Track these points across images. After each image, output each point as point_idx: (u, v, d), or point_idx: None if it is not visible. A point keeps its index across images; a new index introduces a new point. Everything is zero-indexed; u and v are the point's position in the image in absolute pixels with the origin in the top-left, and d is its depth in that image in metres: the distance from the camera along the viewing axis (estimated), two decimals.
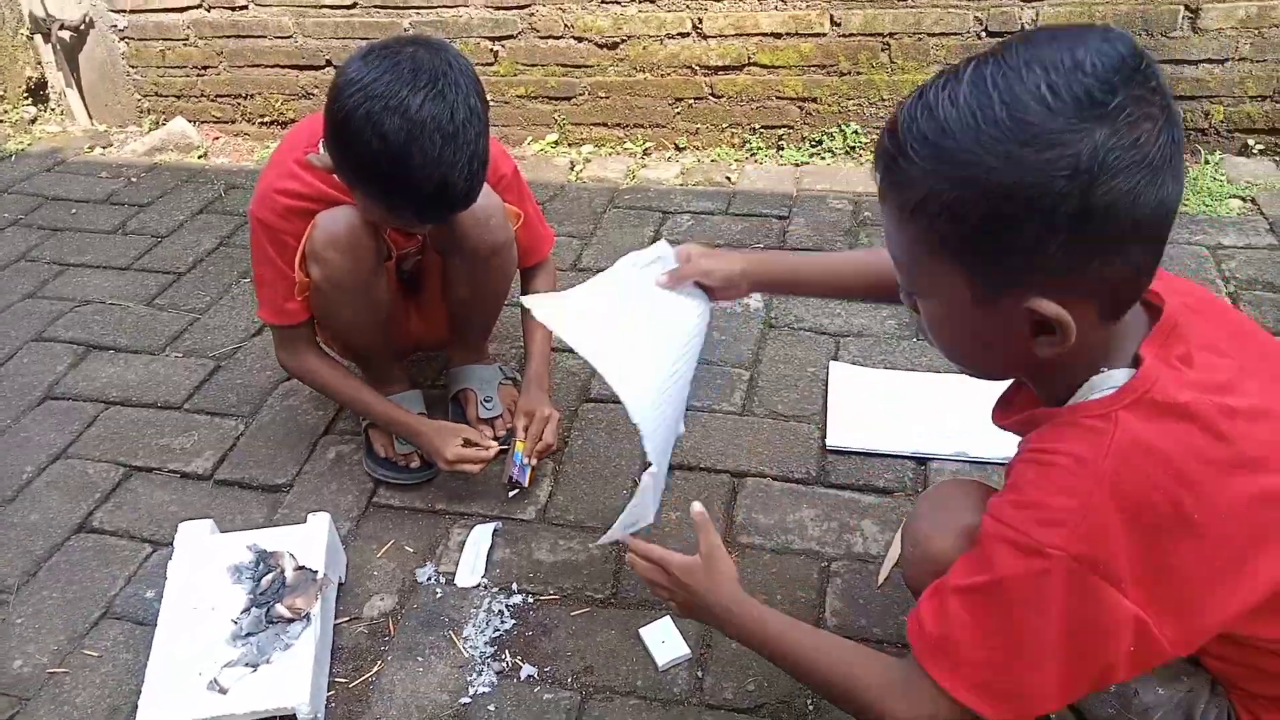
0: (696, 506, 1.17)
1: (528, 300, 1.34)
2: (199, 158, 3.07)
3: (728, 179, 2.69)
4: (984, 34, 2.54)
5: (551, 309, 1.31)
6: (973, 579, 0.85)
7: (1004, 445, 0.97)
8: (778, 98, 2.76)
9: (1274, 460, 0.81)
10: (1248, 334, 0.94)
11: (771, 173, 2.71)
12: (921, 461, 1.65)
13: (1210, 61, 2.48)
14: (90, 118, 3.33)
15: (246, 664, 1.30)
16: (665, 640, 1.36)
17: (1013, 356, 0.86)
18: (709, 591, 1.12)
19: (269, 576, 1.40)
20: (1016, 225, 0.74)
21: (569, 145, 2.95)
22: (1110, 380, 0.84)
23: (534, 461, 1.62)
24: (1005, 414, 0.99)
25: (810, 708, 1.28)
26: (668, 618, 1.40)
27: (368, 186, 1.40)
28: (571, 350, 2.03)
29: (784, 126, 2.80)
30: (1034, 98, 0.72)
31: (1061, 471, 0.82)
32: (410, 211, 1.42)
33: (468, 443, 1.59)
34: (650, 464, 1.24)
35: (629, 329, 1.27)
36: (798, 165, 2.74)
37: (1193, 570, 0.80)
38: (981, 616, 0.85)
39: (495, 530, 1.58)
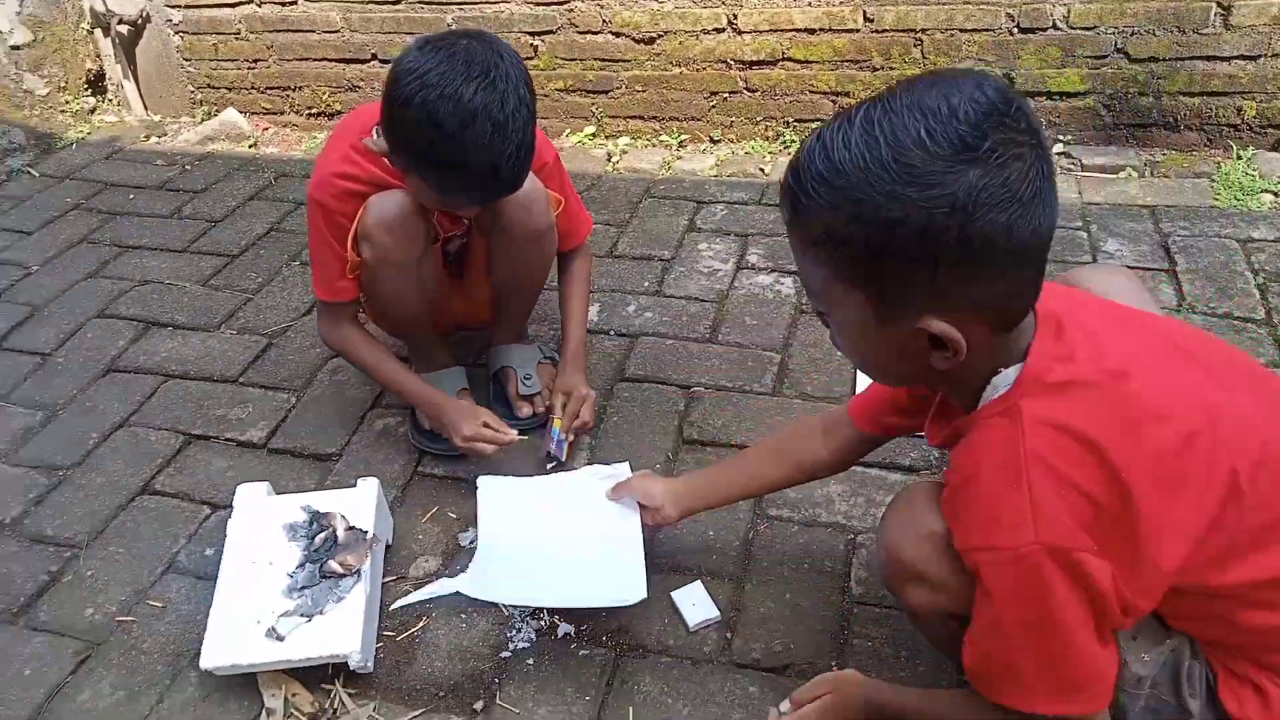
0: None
1: (481, 480, 1.59)
2: (249, 147, 3.18)
3: (761, 170, 2.75)
4: (1016, 30, 2.57)
5: (490, 483, 1.58)
6: (989, 615, 0.92)
7: None
8: (811, 92, 2.81)
9: (1172, 411, 0.88)
10: (1125, 311, 1.01)
11: None
12: None
13: (1243, 58, 2.49)
14: (146, 108, 3.46)
15: (301, 614, 1.38)
16: (696, 603, 1.43)
17: (915, 367, 0.93)
18: (851, 697, 1.19)
19: (322, 535, 1.48)
20: (904, 255, 0.83)
21: (606, 137, 3.02)
22: (1005, 379, 0.92)
23: (571, 437, 1.71)
24: (936, 434, 1.07)
25: (835, 669, 1.32)
26: (698, 582, 1.46)
27: (421, 170, 1.47)
28: (607, 332, 2.10)
29: (817, 120, 2.85)
30: (915, 142, 0.80)
31: (994, 477, 0.89)
32: (460, 195, 1.50)
33: (487, 426, 1.63)
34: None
35: (541, 512, 1.55)
36: None
37: (1131, 525, 0.86)
38: (1017, 640, 0.91)
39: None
